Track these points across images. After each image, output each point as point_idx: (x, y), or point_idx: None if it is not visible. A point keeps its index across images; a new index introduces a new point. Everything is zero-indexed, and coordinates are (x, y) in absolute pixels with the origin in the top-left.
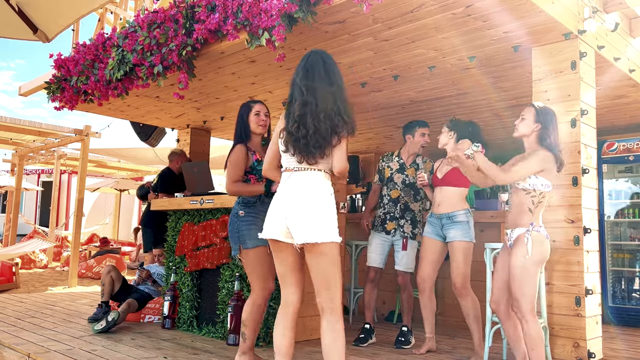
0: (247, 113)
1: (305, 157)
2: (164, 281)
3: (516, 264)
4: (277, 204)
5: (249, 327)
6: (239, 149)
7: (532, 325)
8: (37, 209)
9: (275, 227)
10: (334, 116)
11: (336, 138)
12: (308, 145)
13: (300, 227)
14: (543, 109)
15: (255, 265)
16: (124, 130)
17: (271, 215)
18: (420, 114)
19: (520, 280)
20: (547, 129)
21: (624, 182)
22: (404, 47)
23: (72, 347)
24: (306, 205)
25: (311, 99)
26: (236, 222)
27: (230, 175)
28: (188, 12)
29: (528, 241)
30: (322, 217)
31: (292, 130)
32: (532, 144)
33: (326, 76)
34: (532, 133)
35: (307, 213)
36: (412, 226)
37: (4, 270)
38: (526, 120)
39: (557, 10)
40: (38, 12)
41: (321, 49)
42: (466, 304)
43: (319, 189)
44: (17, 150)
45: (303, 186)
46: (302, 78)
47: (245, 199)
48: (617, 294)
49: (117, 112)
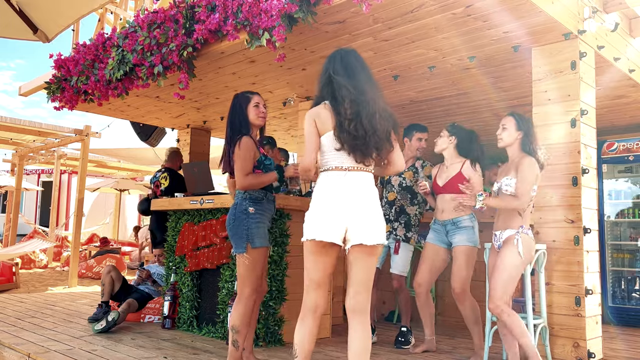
0: (246, 104)
1: (363, 157)
2: (164, 281)
3: (505, 261)
4: (332, 205)
5: (241, 333)
6: (248, 141)
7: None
8: (37, 209)
9: (333, 229)
10: (388, 117)
11: (391, 139)
12: (368, 146)
13: (366, 228)
14: (522, 117)
15: (256, 266)
16: (124, 130)
17: (326, 217)
18: (420, 114)
19: (506, 277)
20: (529, 136)
21: (624, 182)
22: (404, 47)
23: (72, 347)
24: (370, 206)
25: (362, 98)
26: (245, 220)
27: (242, 167)
28: (188, 12)
29: (518, 242)
30: (382, 218)
31: (350, 130)
32: (516, 151)
33: (367, 75)
34: (515, 141)
35: (372, 214)
36: (406, 229)
37: (4, 270)
38: (508, 130)
39: (557, 10)
40: (38, 12)
41: (351, 48)
42: (464, 309)
43: (374, 190)
44: (17, 150)
45: (362, 187)
46: (345, 77)
47: (252, 195)
48: (617, 294)
49: (117, 112)
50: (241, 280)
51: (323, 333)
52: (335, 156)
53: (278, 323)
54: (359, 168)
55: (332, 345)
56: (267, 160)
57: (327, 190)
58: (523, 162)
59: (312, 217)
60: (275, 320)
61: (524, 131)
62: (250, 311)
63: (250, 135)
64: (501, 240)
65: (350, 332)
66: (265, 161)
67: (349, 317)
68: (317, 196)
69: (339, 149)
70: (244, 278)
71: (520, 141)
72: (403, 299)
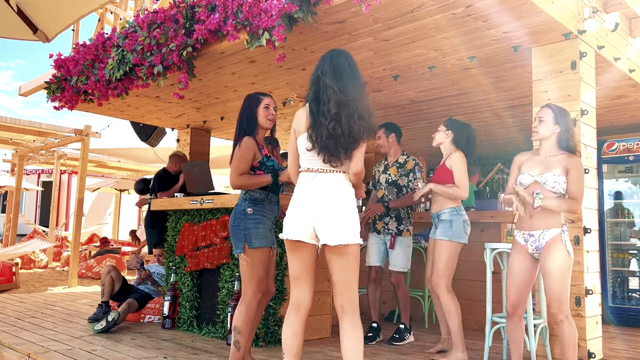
0: (257, 105)
1: (330, 157)
2: (164, 281)
3: (559, 264)
4: (302, 205)
5: (243, 334)
6: (249, 142)
7: (572, 327)
8: (37, 209)
9: (301, 228)
10: (367, 118)
11: (362, 140)
12: (337, 146)
13: (330, 228)
14: (561, 110)
15: (257, 267)
16: (124, 130)
17: (295, 216)
18: (420, 114)
19: (564, 281)
20: (568, 131)
21: (624, 182)
22: (404, 47)
23: (72, 347)
24: (335, 207)
25: (344, 99)
26: (243, 220)
27: (237, 167)
28: (188, 12)
29: (566, 241)
30: (350, 219)
31: (329, 129)
32: (553, 146)
33: (354, 77)
34: (552, 135)
35: (337, 215)
36: (397, 222)
37: (4, 270)
38: (545, 122)
39: (557, 10)
40: (38, 12)
41: (341, 49)
42: (437, 304)
43: (345, 191)
44: (17, 150)
45: (330, 188)
46: (331, 78)
47: (252, 196)
48: (617, 294)
49: (117, 112)
50: (243, 281)
51: (323, 333)
52: (306, 157)
53: (278, 323)
54: (328, 170)
55: (332, 345)
56: (269, 161)
57: (298, 191)
58: (575, 162)
59: (287, 216)
60: (275, 320)
61: (562, 125)
62: (253, 312)
63: (254, 137)
64: (543, 240)
65: (340, 332)
66: (267, 162)
67: (338, 316)
68: (293, 197)
69: (310, 149)
70: (245, 279)
71: (557, 136)
72: (402, 296)
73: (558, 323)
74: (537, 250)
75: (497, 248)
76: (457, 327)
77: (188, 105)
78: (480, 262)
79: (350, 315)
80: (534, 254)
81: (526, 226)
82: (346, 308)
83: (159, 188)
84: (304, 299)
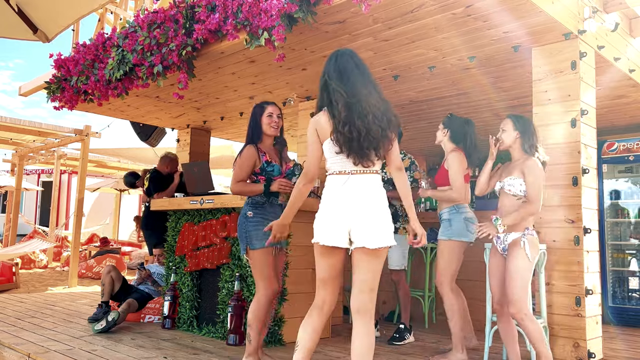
0: (260, 114)
1: (360, 159)
2: (164, 281)
3: (517, 266)
4: (336, 208)
5: (253, 328)
6: (248, 150)
7: (534, 323)
8: (37, 209)
9: (336, 234)
10: (381, 116)
11: (387, 138)
12: (362, 148)
13: (368, 232)
14: (519, 118)
15: (262, 267)
16: (124, 130)
17: (329, 221)
18: (420, 114)
19: (522, 281)
20: (527, 135)
21: (624, 182)
22: (404, 47)
23: (72, 347)
24: (371, 209)
25: (354, 100)
26: (244, 223)
27: (236, 175)
28: (188, 12)
29: (525, 245)
30: (387, 220)
31: (345, 132)
32: (517, 152)
33: (361, 75)
34: (515, 142)
35: (373, 217)
36: (393, 220)
37: (4, 270)
38: (507, 131)
39: (557, 10)
40: (38, 12)
41: (346, 48)
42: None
43: (380, 192)
44: (17, 150)
45: (364, 190)
46: (337, 81)
47: (254, 199)
48: (617, 294)
49: (117, 112)
50: (255, 280)
51: (323, 333)
52: (336, 160)
53: (278, 323)
54: (360, 171)
55: (332, 345)
56: (269, 167)
57: (330, 194)
58: (528, 164)
59: (318, 220)
60: (275, 320)
61: (521, 131)
62: (263, 308)
63: (256, 145)
64: (506, 243)
65: (354, 332)
66: (267, 168)
67: (353, 317)
68: (323, 200)
69: (338, 153)
70: (255, 278)
71: (520, 141)
72: (402, 294)
73: (519, 322)
74: (504, 251)
75: None
76: (458, 328)
77: (188, 105)
78: (480, 262)
79: (366, 317)
80: (503, 255)
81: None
82: (363, 309)
83: (154, 189)
84: (329, 300)
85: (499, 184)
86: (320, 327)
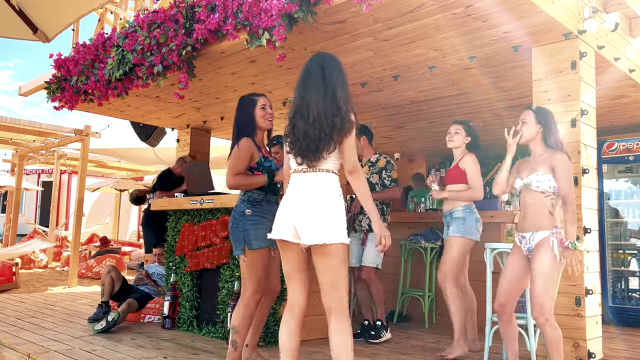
0: (253, 107)
1: (303, 158)
2: (164, 281)
3: (543, 268)
4: (285, 204)
5: (241, 334)
6: (247, 142)
7: (554, 329)
8: (37, 209)
9: (283, 228)
10: (323, 120)
11: (330, 140)
12: (301, 148)
13: (308, 228)
14: (541, 110)
15: (257, 267)
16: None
17: (280, 216)
18: (420, 114)
19: (547, 284)
20: (551, 129)
21: (624, 182)
22: (404, 47)
23: (72, 347)
24: (314, 206)
25: (303, 103)
26: (242, 221)
27: (233, 167)
28: (188, 12)
29: (554, 244)
30: (330, 218)
31: (287, 133)
32: (539, 146)
33: (321, 81)
34: (537, 135)
35: (315, 214)
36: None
37: (4, 270)
38: (528, 124)
39: (557, 10)
40: (38, 12)
41: (326, 52)
42: (446, 298)
43: (326, 190)
44: (17, 150)
45: (311, 187)
46: (298, 83)
47: (251, 197)
48: (617, 294)
49: (117, 112)
50: (243, 281)
51: (322, 333)
52: (291, 159)
53: (278, 323)
54: (309, 169)
55: None
56: (266, 162)
57: (287, 191)
58: (558, 158)
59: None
60: (275, 320)
61: (543, 124)
62: (251, 312)
63: (252, 138)
64: (532, 242)
65: (329, 331)
66: (265, 163)
67: (327, 315)
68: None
69: (288, 152)
70: (245, 279)
71: (542, 135)
72: (375, 292)
73: (540, 326)
74: (529, 252)
75: (497, 248)
76: (460, 326)
77: (188, 105)
78: (480, 262)
79: (337, 314)
80: (528, 255)
81: (520, 227)
82: (333, 308)
83: (160, 186)
84: (298, 299)
85: (520, 181)
86: (297, 328)
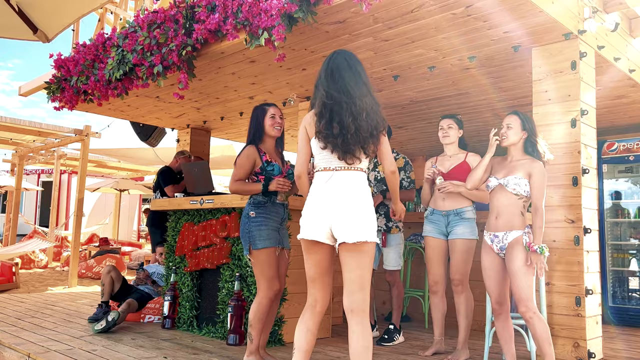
0: (263, 116)
1: (344, 155)
2: (164, 281)
3: (520, 266)
4: (319, 204)
5: (255, 328)
6: (249, 150)
7: (542, 322)
8: (37, 209)
9: (317, 229)
10: (373, 115)
11: (376, 137)
12: (348, 144)
13: (347, 226)
14: (526, 117)
15: (264, 267)
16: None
17: (312, 216)
18: (420, 114)
19: (528, 279)
20: (533, 136)
21: (624, 182)
22: (404, 47)
23: (72, 347)
24: (354, 205)
25: (343, 98)
26: (247, 223)
27: (235, 174)
28: (188, 12)
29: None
30: (369, 216)
31: (330, 130)
32: (519, 151)
33: (355, 76)
34: (520, 141)
35: (356, 212)
36: (386, 219)
37: (4, 270)
38: (514, 129)
39: (557, 11)
40: (38, 12)
41: (343, 49)
42: (459, 301)
43: (363, 188)
44: (17, 150)
45: (347, 186)
46: (324, 81)
47: (256, 199)
48: (617, 294)
49: (117, 112)
50: (256, 280)
51: (323, 333)
52: (321, 156)
53: (278, 323)
54: (345, 167)
55: (332, 345)
56: (269, 166)
57: (315, 190)
58: (536, 166)
59: (303, 216)
60: (275, 320)
61: (528, 130)
62: (264, 308)
63: (257, 145)
64: (506, 241)
65: (349, 333)
66: (267, 167)
67: (347, 317)
68: (309, 196)
69: (323, 148)
70: (257, 278)
71: (524, 141)
72: (396, 295)
73: (528, 320)
74: (502, 250)
75: None
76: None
77: (188, 105)
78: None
79: (360, 316)
80: (500, 254)
81: (492, 227)
82: (356, 309)
83: (165, 182)
84: (321, 298)
85: (496, 180)
86: (315, 327)
